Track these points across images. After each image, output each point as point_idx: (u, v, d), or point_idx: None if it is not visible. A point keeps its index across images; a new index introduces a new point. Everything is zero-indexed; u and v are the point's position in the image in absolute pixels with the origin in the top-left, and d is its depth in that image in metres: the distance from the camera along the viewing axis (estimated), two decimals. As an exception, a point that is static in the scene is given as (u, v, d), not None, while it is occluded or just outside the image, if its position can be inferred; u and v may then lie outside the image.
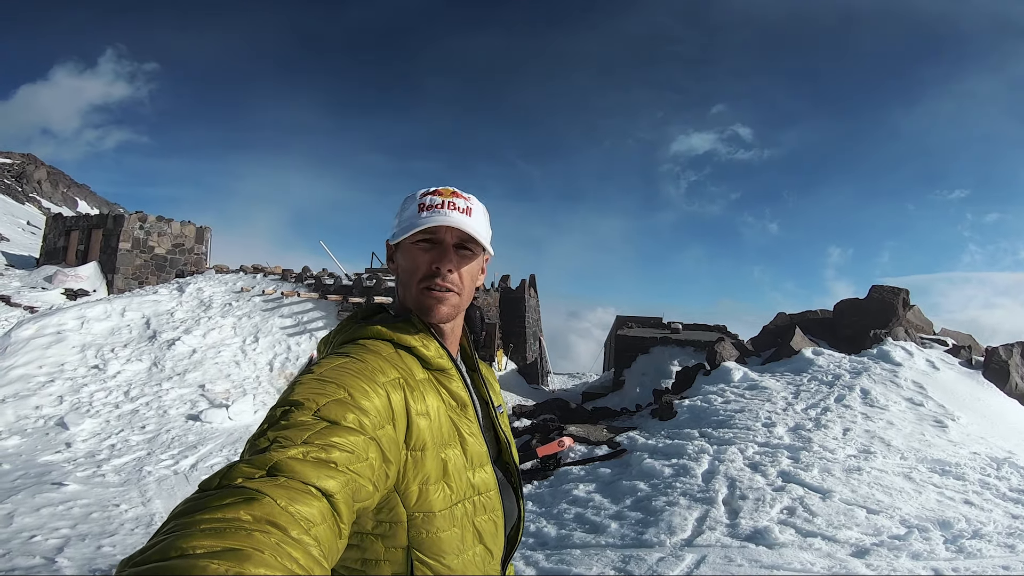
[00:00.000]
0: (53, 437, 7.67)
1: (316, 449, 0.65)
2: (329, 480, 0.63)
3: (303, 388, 0.75)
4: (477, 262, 1.02)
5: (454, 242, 0.99)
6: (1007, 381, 7.38)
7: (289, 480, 0.60)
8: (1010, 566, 3.16)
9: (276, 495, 0.56)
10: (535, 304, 19.78)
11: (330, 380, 0.77)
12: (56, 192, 51.06)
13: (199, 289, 14.11)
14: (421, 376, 0.92)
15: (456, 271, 0.98)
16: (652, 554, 3.55)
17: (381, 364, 0.86)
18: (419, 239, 0.99)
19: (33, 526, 5.00)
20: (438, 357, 0.96)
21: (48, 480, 6.16)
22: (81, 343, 10.69)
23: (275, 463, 0.61)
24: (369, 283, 13.48)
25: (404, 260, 1.00)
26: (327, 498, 0.62)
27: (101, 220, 17.59)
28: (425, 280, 0.97)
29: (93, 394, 9.15)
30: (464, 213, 0.98)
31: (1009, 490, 4.30)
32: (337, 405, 0.73)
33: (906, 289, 9.24)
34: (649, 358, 12.82)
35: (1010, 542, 3.46)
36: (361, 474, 0.69)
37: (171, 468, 6.95)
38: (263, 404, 9.88)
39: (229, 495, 0.55)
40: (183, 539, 0.48)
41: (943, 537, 3.54)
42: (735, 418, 6.22)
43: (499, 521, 0.97)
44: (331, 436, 0.68)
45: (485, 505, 0.94)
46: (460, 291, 0.99)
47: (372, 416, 0.75)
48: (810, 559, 3.30)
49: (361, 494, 0.69)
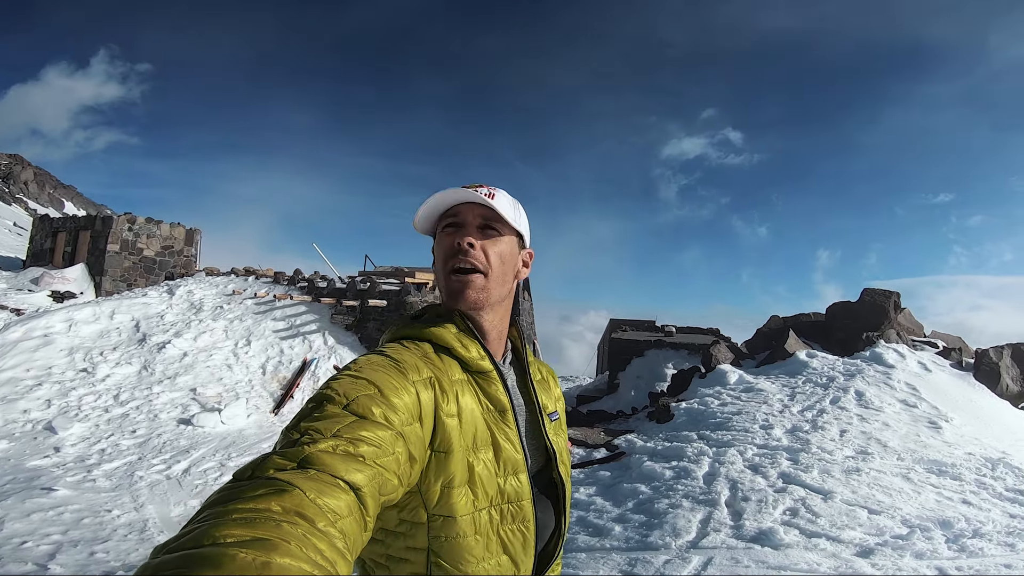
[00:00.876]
0: (41, 441, 7.51)
1: (345, 443, 0.67)
2: (357, 474, 0.64)
3: (336, 383, 0.77)
4: (506, 244, 1.00)
5: (477, 223, 0.98)
6: (998, 383, 7.49)
7: (319, 473, 0.61)
8: (1012, 564, 3.21)
9: (305, 487, 0.58)
10: (529, 308, 19.80)
11: (362, 377, 0.78)
12: (43, 193, 50.35)
13: (189, 292, 13.93)
14: (459, 377, 0.91)
15: (480, 247, 0.97)
16: (658, 556, 3.56)
17: (415, 362, 0.86)
18: (445, 224, 1.00)
19: (24, 532, 4.90)
20: (479, 359, 0.94)
21: (38, 485, 6.04)
22: (69, 346, 10.51)
23: (306, 456, 0.63)
24: (363, 286, 13.40)
25: (437, 250, 1.01)
26: (355, 491, 0.63)
27: (89, 221, 17.33)
28: (450, 260, 0.96)
29: (82, 398, 8.99)
30: (488, 197, 0.97)
31: (1005, 490, 4.36)
32: (367, 400, 0.74)
33: (897, 292, 9.36)
34: (643, 361, 12.86)
35: (1010, 541, 3.51)
36: (387, 468, 0.70)
37: (163, 473, 6.84)
38: (256, 408, 9.78)
39: (261, 486, 0.57)
40: (216, 527, 0.50)
41: (944, 536, 3.58)
42: (732, 420, 6.25)
43: (529, 533, 0.93)
44: (360, 430, 0.69)
45: (514, 515, 0.91)
46: (486, 270, 0.97)
47: (400, 412, 0.76)
48: (816, 559, 3.32)
49: (387, 487, 0.70)
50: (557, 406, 1.13)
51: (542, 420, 1.03)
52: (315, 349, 11.96)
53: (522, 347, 1.09)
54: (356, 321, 12.90)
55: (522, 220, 1.05)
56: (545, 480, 1.01)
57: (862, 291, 9.63)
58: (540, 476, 1.00)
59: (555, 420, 1.08)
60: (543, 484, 1.00)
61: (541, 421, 1.03)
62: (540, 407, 1.03)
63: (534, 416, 1.03)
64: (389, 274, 15.07)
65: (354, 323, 12.90)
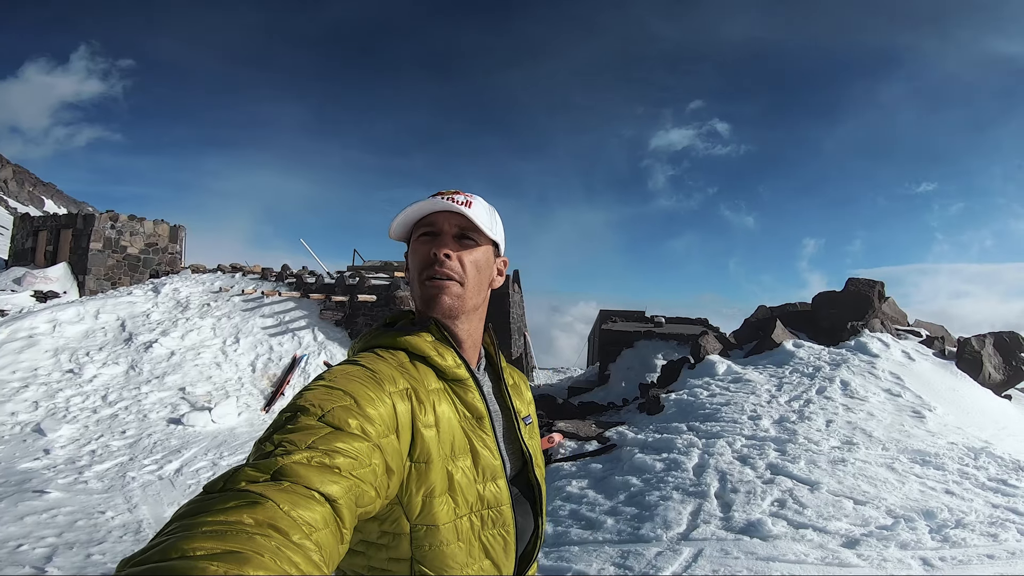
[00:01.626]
0: (31, 444, 7.46)
1: (320, 454, 0.66)
2: (333, 485, 0.64)
3: (310, 394, 0.76)
4: (482, 253, 1.01)
5: (453, 232, 0.98)
6: (980, 371, 7.64)
7: (293, 485, 0.60)
8: (994, 554, 3.29)
9: (279, 499, 0.57)
10: (519, 300, 19.82)
11: (337, 387, 0.77)
12: (22, 191, 49.43)
13: (175, 289, 13.78)
14: (435, 386, 0.92)
15: (456, 258, 0.97)
16: (650, 549, 3.61)
17: (391, 373, 0.86)
18: (421, 233, 1.00)
19: (18, 535, 4.88)
20: (455, 367, 0.94)
21: (29, 488, 6.01)
22: (54, 347, 10.38)
23: (280, 467, 0.62)
24: (352, 281, 13.34)
25: (411, 259, 1.01)
26: (330, 503, 0.62)
27: (71, 220, 17.06)
28: (425, 270, 0.97)
29: (69, 399, 8.91)
30: (464, 206, 0.97)
31: (988, 479, 4.46)
32: (342, 411, 0.73)
33: (881, 282, 9.49)
34: (634, 352, 12.95)
35: (992, 531, 3.60)
36: (364, 479, 0.69)
37: (155, 473, 6.82)
38: (247, 406, 9.75)
39: (233, 498, 0.56)
40: (184, 540, 0.48)
41: (928, 527, 3.66)
42: (721, 411, 6.33)
43: (509, 537, 0.95)
44: (335, 442, 0.68)
45: (495, 520, 0.93)
46: (463, 280, 0.97)
47: (377, 424, 0.76)
48: (803, 550, 3.39)
49: (364, 499, 0.70)
50: (529, 410, 1.15)
51: (518, 425, 1.04)
52: (305, 345, 11.91)
53: (495, 353, 1.10)
54: (345, 316, 12.87)
55: (498, 229, 1.05)
56: (522, 483, 1.03)
57: (847, 281, 9.76)
58: (517, 479, 1.01)
59: (528, 424, 1.10)
60: (520, 487, 1.02)
61: (517, 426, 1.04)
62: (515, 412, 1.05)
63: (510, 421, 1.04)
64: (378, 268, 15.02)
65: (343, 318, 12.86)
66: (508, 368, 1.14)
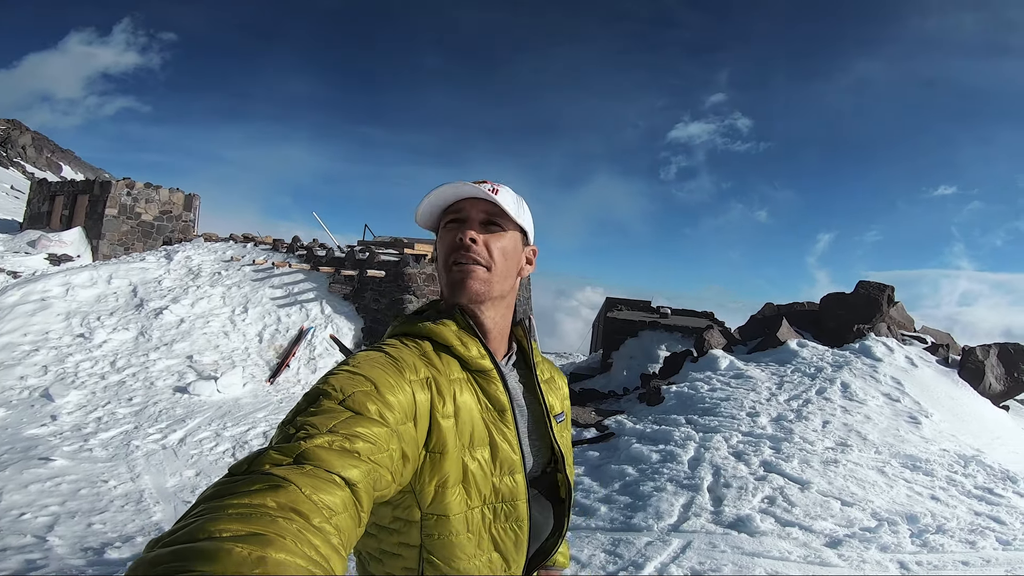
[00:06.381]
0: (38, 409, 7.54)
1: (341, 438, 0.68)
2: (353, 469, 0.66)
3: (333, 378, 0.78)
4: (509, 239, 1.01)
5: (480, 218, 0.99)
6: (981, 381, 7.63)
7: (315, 468, 0.62)
8: (969, 561, 3.36)
9: (301, 483, 0.59)
10: (526, 282, 19.86)
11: (359, 372, 0.80)
12: (40, 157, 49.89)
13: (187, 257, 13.93)
14: (458, 376, 0.92)
15: (483, 243, 0.98)
16: (640, 538, 3.70)
17: (413, 361, 0.87)
18: (448, 220, 1.01)
19: (22, 503, 4.95)
20: (479, 358, 0.95)
21: (35, 455, 6.08)
22: (66, 311, 10.53)
23: (302, 451, 0.64)
24: (362, 255, 13.41)
25: (439, 246, 1.02)
26: (350, 487, 0.64)
27: (87, 186, 17.21)
28: (452, 255, 0.97)
29: (79, 364, 9.05)
30: (491, 192, 0.99)
31: (974, 487, 4.51)
32: (363, 396, 0.75)
33: (891, 286, 9.45)
34: (637, 342, 12.99)
35: (971, 538, 3.66)
36: (382, 464, 0.71)
37: (159, 443, 6.93)
38: (252, 376, 9.88)
39: (257, 481, 0.58)
40: (211, 522, 0.50)
41: (910, 531, 3.73)
42: (721, 406, 6.39)
43: (522, 532, 0.95)
44: (356, 426, 0.70)
45: (508, 514, 0.93)
46: (489, 265, 0.97)
47: (396, 411, 0.78)
48: (787, 548, 3.47)
49: (381, 483, 0.71)
50: (564, 406, 1.13)
51: (549, 421, 1.03)
52: (312, 318, 12.03)
53: (528, 347, 1.09)
54: (354, 291, 12.97)
55: (526, 216, 1.05)
56: (549, 480, 1.03)
57: (857, 283, 9.71)
58: (545, 476, 1.02)
59: (561, 421, 1.08)
60: (547, 485, 1.02)
61: (548, 423, 1.03)
62: (547, 408, 1.04)
63: (540, 416, 1.04)
64: (388, 244, 15.06)
65: (352, 293, 12.96)
66: (543, 362, 1.13)
